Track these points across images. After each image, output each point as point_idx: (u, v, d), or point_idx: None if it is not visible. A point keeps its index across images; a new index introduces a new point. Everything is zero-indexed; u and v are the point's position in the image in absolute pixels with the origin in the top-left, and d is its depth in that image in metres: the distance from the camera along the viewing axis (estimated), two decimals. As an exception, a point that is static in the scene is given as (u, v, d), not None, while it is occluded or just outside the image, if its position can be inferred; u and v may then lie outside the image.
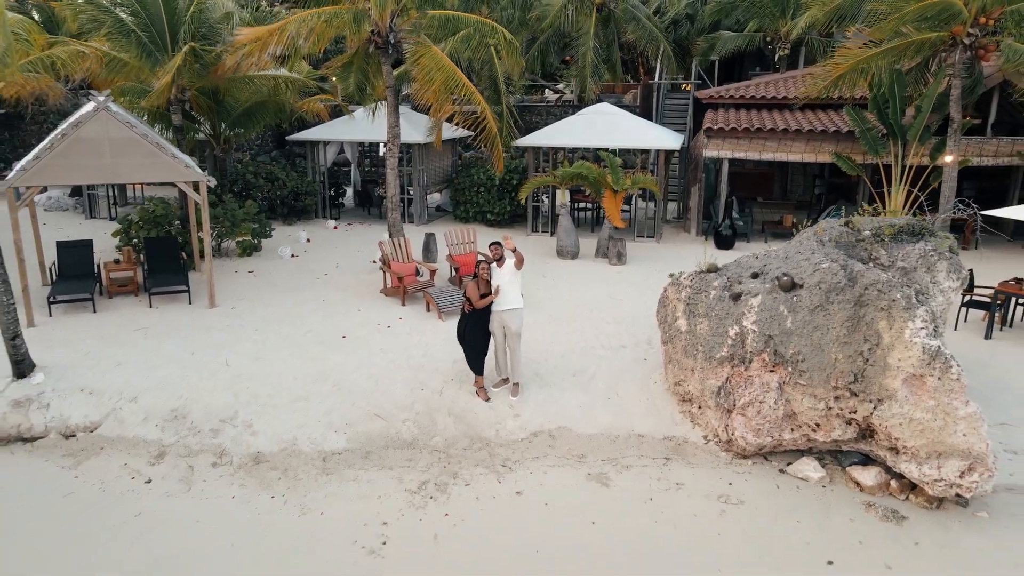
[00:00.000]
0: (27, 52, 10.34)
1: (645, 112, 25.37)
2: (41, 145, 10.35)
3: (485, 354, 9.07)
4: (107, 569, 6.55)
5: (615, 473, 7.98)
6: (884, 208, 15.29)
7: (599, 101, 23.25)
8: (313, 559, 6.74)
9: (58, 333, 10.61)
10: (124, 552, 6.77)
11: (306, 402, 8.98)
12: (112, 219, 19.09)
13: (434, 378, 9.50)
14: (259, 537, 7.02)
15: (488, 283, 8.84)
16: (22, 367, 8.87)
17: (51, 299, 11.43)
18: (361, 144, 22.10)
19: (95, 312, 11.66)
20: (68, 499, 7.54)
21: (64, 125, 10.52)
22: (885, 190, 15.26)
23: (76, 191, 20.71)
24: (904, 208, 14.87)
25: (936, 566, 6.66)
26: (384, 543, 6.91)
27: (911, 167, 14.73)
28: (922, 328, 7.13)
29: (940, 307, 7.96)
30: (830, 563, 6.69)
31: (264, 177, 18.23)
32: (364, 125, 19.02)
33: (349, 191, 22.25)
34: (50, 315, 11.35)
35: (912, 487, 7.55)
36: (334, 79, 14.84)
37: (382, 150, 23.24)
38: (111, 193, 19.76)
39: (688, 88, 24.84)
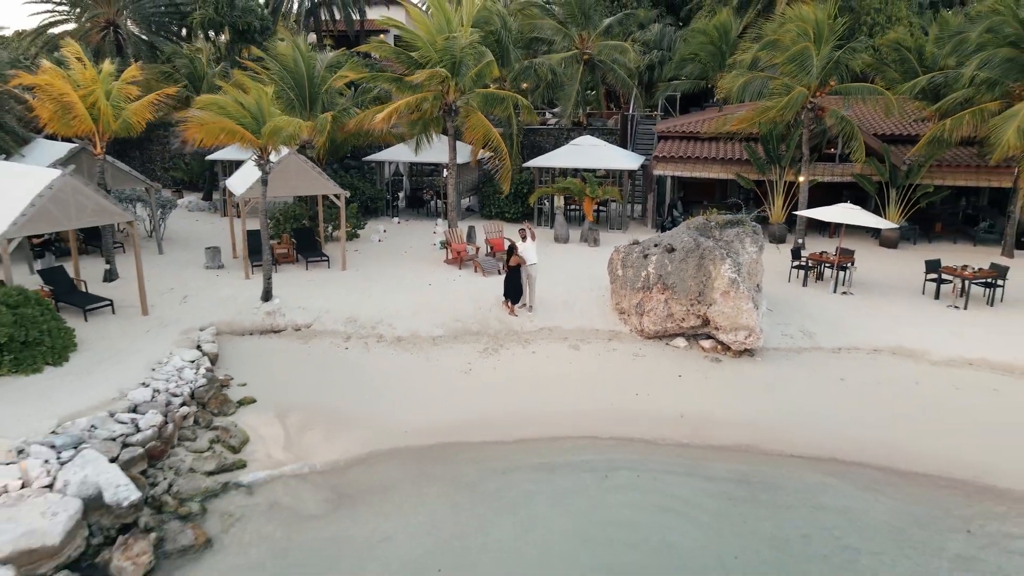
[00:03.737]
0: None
1: (623, 135, 33.10)
2: (258, 176, 18.04)
3: (518, 293, 16.74)
4: (342, 381, 14.18)
5: (583, 345, 15.71)
6: (771, 209, 23.05)
7: (589, 125, 31.07)
8: (435, 376, 14.43)
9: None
10: (348, 374, 14.44)
11: (418, 314, 16.67)
12: (237, 217, 26.80)
13: (485, 304, 17.19)
14: (406, 368, 14.71)
15: (519, 255, 16.56)
16: (269, 295, 16.61)
17: (252, 264, 19.14)
18: (412, 164, 29.87)
19: (276, 272, 19.38)
20: (335, 357, 15.14)
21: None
22: (772, 198, 23.02)
23: (208, 196, 28.46)
24: (783, 208, 22.61)
25: (728, 375, 14.41)
26: (471, 369, 14.65)
27: (786, 183, 22.48)
28: (729, 269, 14.82)
29: (746, 260, 15.59)
30: (679, 376, 14.43)
31: (348, 187, 25.90)
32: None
33: (400, 195, 30.05)
34: (252, 273, 19.06)
35: (727, 348, 15.24)
36: (404, 127, 22.47)
37: (445, 174, 31.16)
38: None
39: (655, 116, 32.73)
